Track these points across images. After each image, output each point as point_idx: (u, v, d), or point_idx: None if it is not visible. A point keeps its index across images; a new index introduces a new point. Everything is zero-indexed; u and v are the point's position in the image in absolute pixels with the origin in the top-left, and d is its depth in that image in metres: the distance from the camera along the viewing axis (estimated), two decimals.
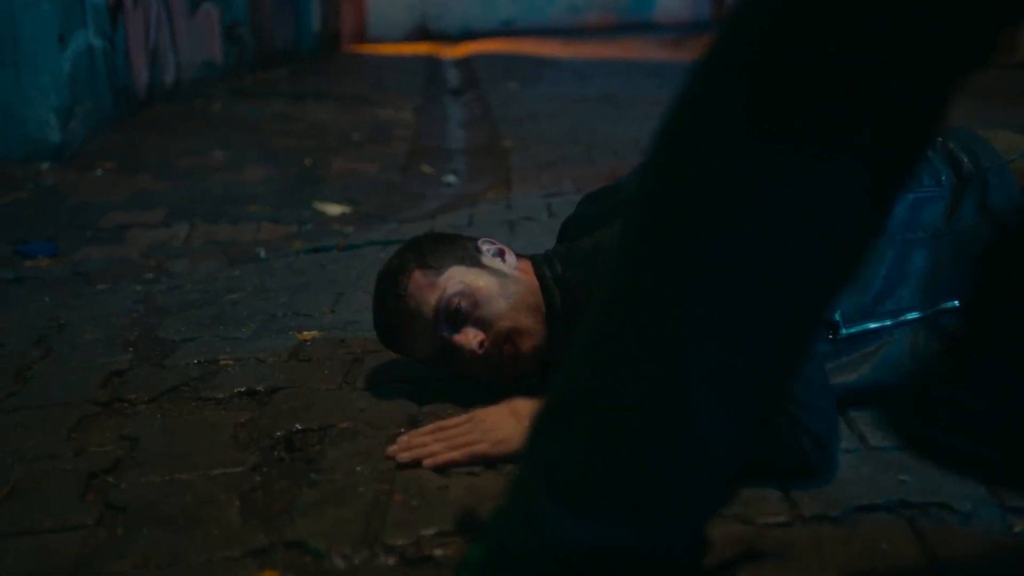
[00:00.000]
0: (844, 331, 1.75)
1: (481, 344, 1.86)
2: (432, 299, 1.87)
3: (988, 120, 2.50)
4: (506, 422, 1.66)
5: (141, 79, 7.00)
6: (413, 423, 1.86)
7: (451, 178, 5.53)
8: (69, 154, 5.67)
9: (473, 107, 8.68)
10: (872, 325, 1.76)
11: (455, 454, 1.64)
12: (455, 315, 1.85)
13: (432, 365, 1.94)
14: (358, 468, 1.66)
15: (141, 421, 1.94)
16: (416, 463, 1.65)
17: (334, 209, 4.75)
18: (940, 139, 1.88)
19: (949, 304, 1.76)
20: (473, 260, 1.94)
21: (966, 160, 1.84)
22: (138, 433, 1.87)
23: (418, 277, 1.90)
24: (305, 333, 2.45)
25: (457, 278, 1.88)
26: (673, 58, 11.23)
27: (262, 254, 3.95)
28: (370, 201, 4.97)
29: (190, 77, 8.16)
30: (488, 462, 1.64)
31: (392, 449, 1.69)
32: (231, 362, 2.27)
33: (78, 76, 5.74)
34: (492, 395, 1.90)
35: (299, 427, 1.86)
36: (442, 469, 1.63)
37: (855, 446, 1.65)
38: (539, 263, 1.96)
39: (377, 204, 4.91)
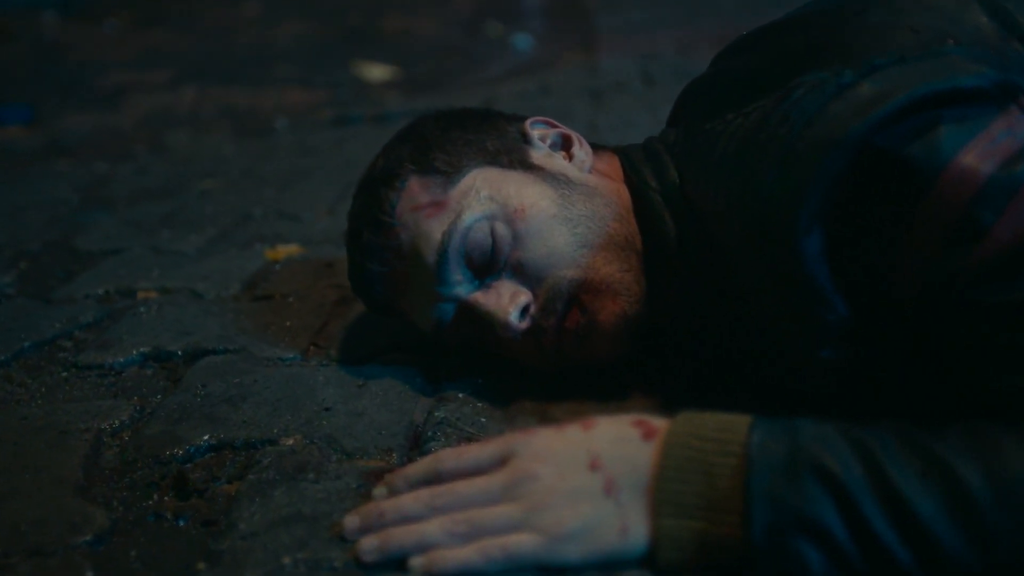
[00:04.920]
0: None
1: (525, 311, 1.01)
2: (437, 229, 1.02)
3: None
4: (576, 487, 0.81)
5: None
6: (414, 443, 1.03)
7: (523, 40, 4.58)
8: (79, 3, 4.85)
9: None
10: None
11: (470, 552, 0.80)
12: (480, 258, 1.01)
13: (442, 341, 1.10)
14: (285, 561, 0.84)
15: None
16: (397, 562, 0.82)
17: (377, 72, 3.87)
18: None
19: None
20: (514, 156, 1.09)
21: None
22: None
23: (415, 189, 1.05)
24: (280, 248, 1.62)
25: (483, 191, 1.04)
26: None
27: (278, 125, 3.12)
28: (422, 65, 4.08)
29: None
30: (539, 567, 0.80)
31: (351, 525, 0.86)
32: (153, 295, 1.46)
33: None
34: (551, 385, 1.08)
35: (210, 441, 1.04)
36: None
37: None
38: (635, 163, 1.09)
39: (430, 68, 4.02)
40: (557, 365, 1.07)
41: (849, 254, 0.84)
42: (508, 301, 1.01)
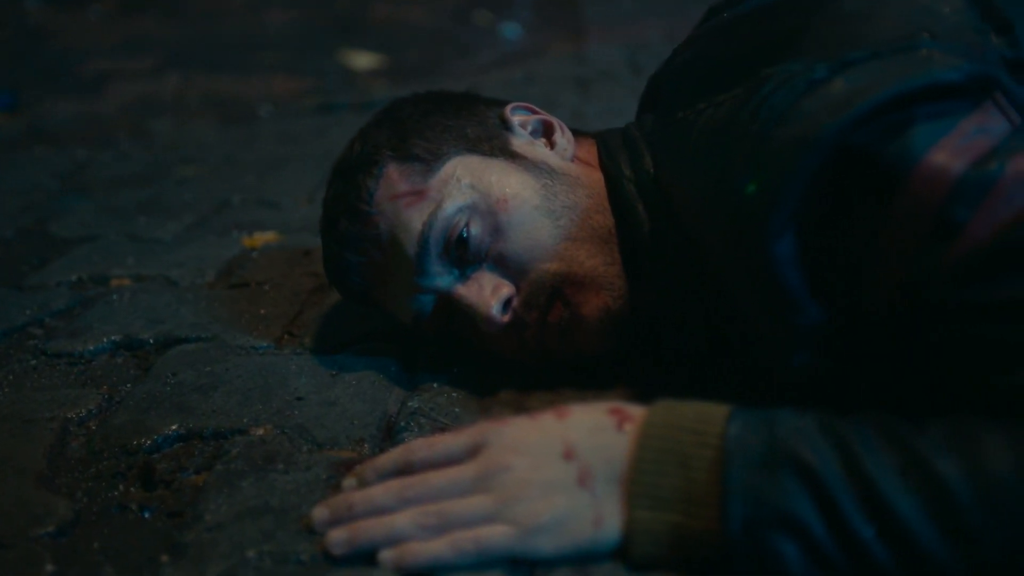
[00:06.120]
0: None
1: (507, 305, 0.99)
2: (417, 219, 1.00)
3: None
4: (549, 477, 0.79)
5: None
6: (387, 434, 1.01)
7: (511, 29, 4.56)
8: None
9: None
10: None
11: (441, 545, 0.78)
12: (459, 249, 0.99)
13: (422, 332, 1.08)
14: (250, 554, 0.81)
15: None
16: (366, 555, 0.80)
17: (364, 60, 3.84)
18: None
19: None
20: (495, 144, 1.06)
21: None
22: None
23: (394, 176, 1.03)
24: (257, 236, 1.59)
25: (464, 179, 1.01)
26: None
27: (262, 113, 3.08)
28: (409, 53, 4.05)
29: None
30: (511, 560, 0.78)
31: (320, 517, 0.83)
32: (127, 282, 1.43)
33: None
34: (528, 375, 1.06)
35: (178, 431, 1.01)
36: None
37: None
38: (611, 149, 1.07)
39: (417, 57, 3.99)
40: (539, 360, 1.04)
41: (823, 257, 0.81)
42: (490, 294, 0.99)
